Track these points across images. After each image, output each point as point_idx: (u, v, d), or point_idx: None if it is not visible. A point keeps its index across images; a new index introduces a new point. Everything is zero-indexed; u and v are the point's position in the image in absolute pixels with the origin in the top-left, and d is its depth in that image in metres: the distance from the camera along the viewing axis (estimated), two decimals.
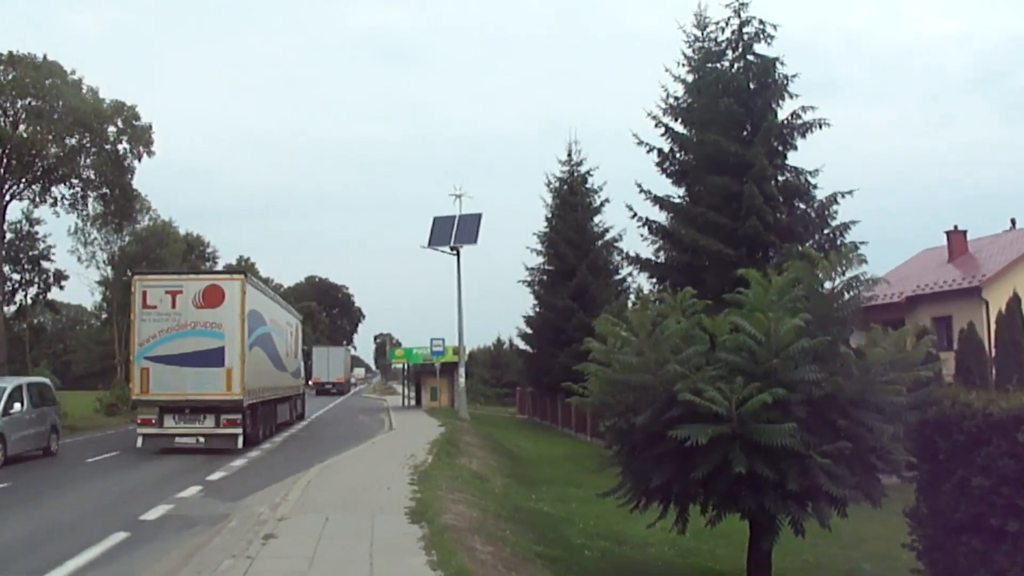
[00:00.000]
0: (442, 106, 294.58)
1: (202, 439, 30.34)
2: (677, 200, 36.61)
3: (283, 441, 35.22)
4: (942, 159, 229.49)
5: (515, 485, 26.17)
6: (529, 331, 60.68)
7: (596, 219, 58.62)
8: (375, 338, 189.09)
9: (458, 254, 52.54)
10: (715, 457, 11.86)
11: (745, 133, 34.15)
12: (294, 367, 45.96)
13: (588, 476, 31.67)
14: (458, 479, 22.01)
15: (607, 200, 58.60)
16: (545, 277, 59.23)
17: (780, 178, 33.71)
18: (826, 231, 33.03)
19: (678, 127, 36.95)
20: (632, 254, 38.27)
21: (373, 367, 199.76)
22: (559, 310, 54.72)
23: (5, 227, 63.15)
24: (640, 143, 36.99)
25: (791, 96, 33.78)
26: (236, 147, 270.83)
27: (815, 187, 33.68)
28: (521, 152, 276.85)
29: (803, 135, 33.72)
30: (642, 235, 36.74)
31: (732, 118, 33.85)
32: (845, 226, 32.38)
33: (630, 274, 55.78)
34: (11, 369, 59.67)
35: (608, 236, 57.72)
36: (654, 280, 37.83)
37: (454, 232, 52.21)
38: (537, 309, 60.02)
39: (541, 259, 59.82)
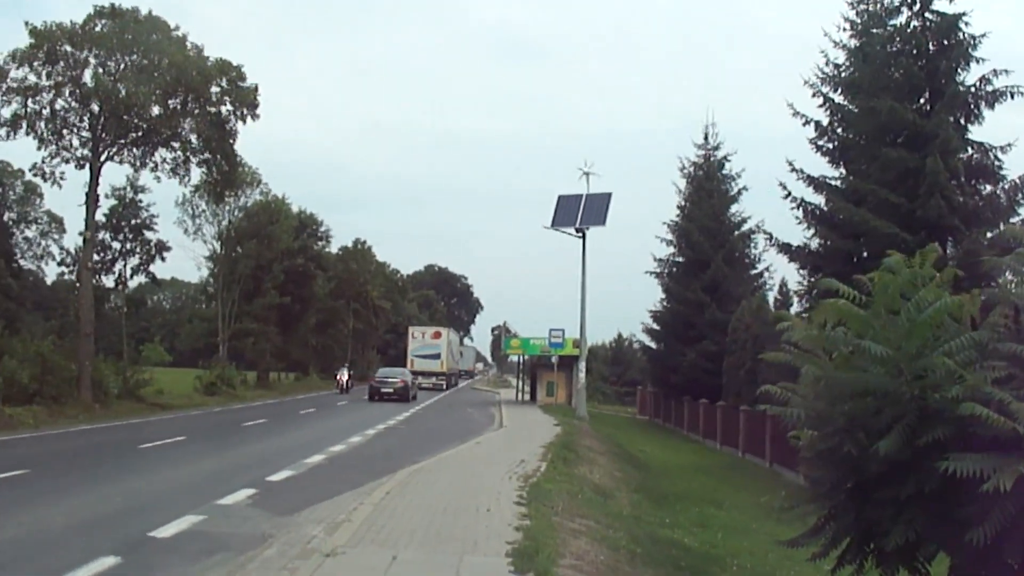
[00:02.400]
0: (565, 100, 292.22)
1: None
2: (834, 182, 31.87)
3: (376, 435, 31.12)
4: None
5: (644, 503, 21.65)
6: (655, 326, 56.37)
7: (733, 208, 54.21)
8: (492, 330, 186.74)
9: (584, 236, 48.08)
10: (1010, 508, 7.18)
11: (923, 101, 29.41)
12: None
13: (727, 492, 27.26)
14: (578, 496, 17.60)
15: (745, 188, 54.58)
16: (675, 268, 54.84)
17: (962, 155, 28.71)
18: (1017, 218, 27.94)
19: (839, 98, 32.16)
20: (781, 241, 33.27)
21: (489, 359, 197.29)
22: (690, 304, 50.34)
23: (106, 192, 60.99)
24: (795, 114, 32.69)
25: (977, 61, 29.09)
26: (362, 138, 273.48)
27: (1004, 166, 28.74)
28: (643, 148, 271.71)
29: (991, 105, 28.85)
30: (796, 217, 32.19)
31: (908, 84, 29.55)
32: None
33: (768, 268, 51.68)
34: (105, 343, 57.59)
35: (746, 227, 53.08)
36: (804, 271, 33.01)
37: (580, 212, 47.78)
38: (665, 303, 55.86)
39: (671, 249, 55.80)
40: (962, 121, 28.91)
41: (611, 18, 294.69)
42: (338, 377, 69.26)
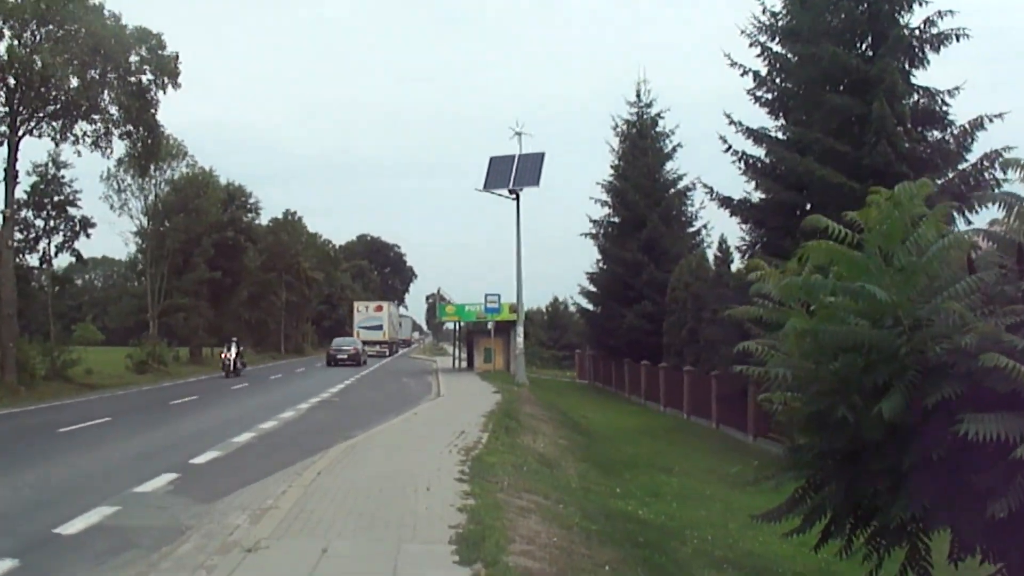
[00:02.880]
0: (494, 68, 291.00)
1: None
2: (775, 133, 30.96)
3: (310, 408, 29.79)
4: None
5: (592, 472, 20.62)
6: (592, 288, 55.36)
7: (668, 166, 53.23)
8: (427, 298, 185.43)
9: (517, 198, 46.88)
10: None
11: (865, 47, 28.53)
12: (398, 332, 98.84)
13: (675, 456, 26.37)
14: (523, 468, 16.48)
15: (679, 145, 53.45)
16: (611, 229, 53.70)
17: (908, 100, 27.83)
18: (964, 165, 27.15)
19: (776, 47, 31.15)
20: (722, 195, 32.26)
21: (425, 328, 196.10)
22: (627, 264, 49.43)
23: (27, 169, 58.83)
24: (732, 64, 31.57)
25: (921, 3, 28.16)
26: (290, 115, 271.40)
27: (950, 111, 27.90)
28: (574, 113, 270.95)
29: (936, 48, 27.91)
30: (739, 169, 31.24)
31: (850, 28, 28.72)
32: (995, 155, 26.19)
33: (705, 226, 50.96)
34: (33, 324, 55.67)
35: (682, 184, 52.15)
36: (746, 226, 32.08)
37: (513, 173, 46.51)
38: (601, 265, 54.80)
39: (607, 210, 54.36)
40: (907, 66, 27.99)
41: None
42: (223, 355, 51.52)
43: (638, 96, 54.32)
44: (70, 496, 13.38)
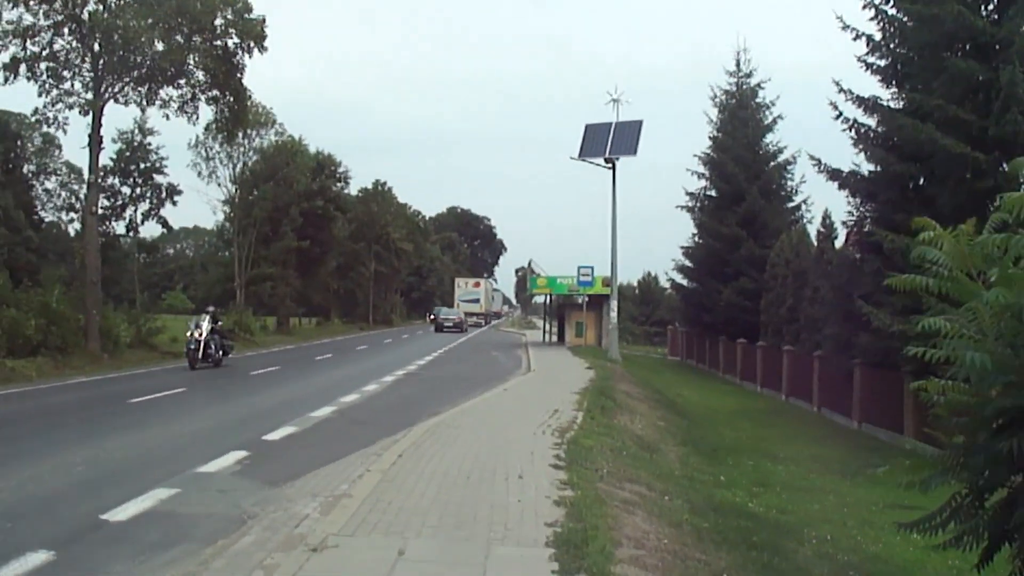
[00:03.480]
0: (588, 39, 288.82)
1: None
2: (889, 103, 29.08)
3: (395, 382, 28.77)
4: None
5: (694, 457, 19.29)
6: (688, 263, 53.59)
7: (768, 138, 51.17)
8: (516, 271, 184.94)
9: (613, 167, 45.30)
10: None
11: (990, 8, 26.47)
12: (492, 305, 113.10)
13: (778, 441, 24.92)
14: (622, 453, 15.26)
15: (780, 117, 51.35)
16: (708, 202, 51.86)
17: None
18: None
19: (891, 10, 29.19)
20: (831, 167, 30.44)
21: (514, 301, 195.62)
22: (725, 239, 47.70)
23: (112, 136, 58.89)
24: (845, 27, 29.40)
25: None
26: (380, 84, 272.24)
27: None
28: (670, 87, 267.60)
29: None
30: (851, 139, 29.17)
31: None
32: None
33: (805, 201, 48.99)
34: (115, 290, 55.75)
35: (782, 157, 50.07)
36: (856, 199, 30.20)
37: (610, 141, 44.92)
38: (697, 239, 53.04)
39: (703, 183, 52.44)
40: None
41: None
42: (189, 333, 34.10)
43: (738, 66, 52.46)
44: (126, 476, 12.39)
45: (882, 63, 29.53)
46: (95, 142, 42.22)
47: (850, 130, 29.15)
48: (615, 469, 13.27)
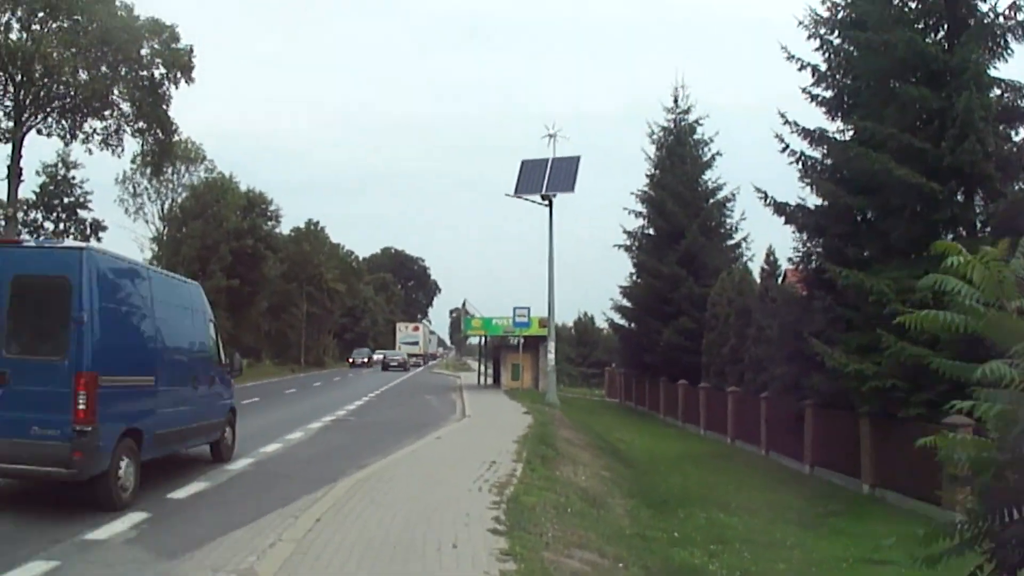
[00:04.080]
0: (526, 82, 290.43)
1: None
2: (836, 135, 28.10)
3: (322, 428, 27.02)
4: None
5: (643, 511, 17.80)
6: (626, 303, 52.34)
7: (707, 174, 50.45)
8: (450, 312, 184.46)
9: (550, 204, 43.89)
10: None
11: (940, 36, 25.58)
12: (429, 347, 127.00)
13: (729, 489, 23.46)
14: (568, 510, 13.72)
15: (718, 153, 50.68)
16: (647, 241, 50.81)
17: (989, 94, 24.88)
18: None
19: (837, 40, 28.24)
20: (777, 200, 29.26)
21: (448, 342, 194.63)
22: (665, 277, 46.65)
23: (36, 169, 56.75)
24: (790, 57, 28.42)
25: None
26: (315, 126, 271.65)
27: None
28: (602, 131, 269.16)
29: (1020, 37, 24.83)
30: (797, 172, 28.17)
31: (924, 15, 25.69)
32: None
33: (745, 239, 48.19)
34: None
35: (721, 194, 49.33)
36: (803, 234, 29.02)
37: (547, 178, 43.55)
38: (636, 279, 51.90)
39: (641, 221, 51.49)
40: (986, 56, 25.10)
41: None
42: None
43: (675, 102, 51.57)
44: (6, 545, 10.60)
45: (828, 94, 28.65)
46: (14, 174, 40.52)
47: (797, 163, 28.19)
48: (561, 532, 11.73)
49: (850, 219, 26.61)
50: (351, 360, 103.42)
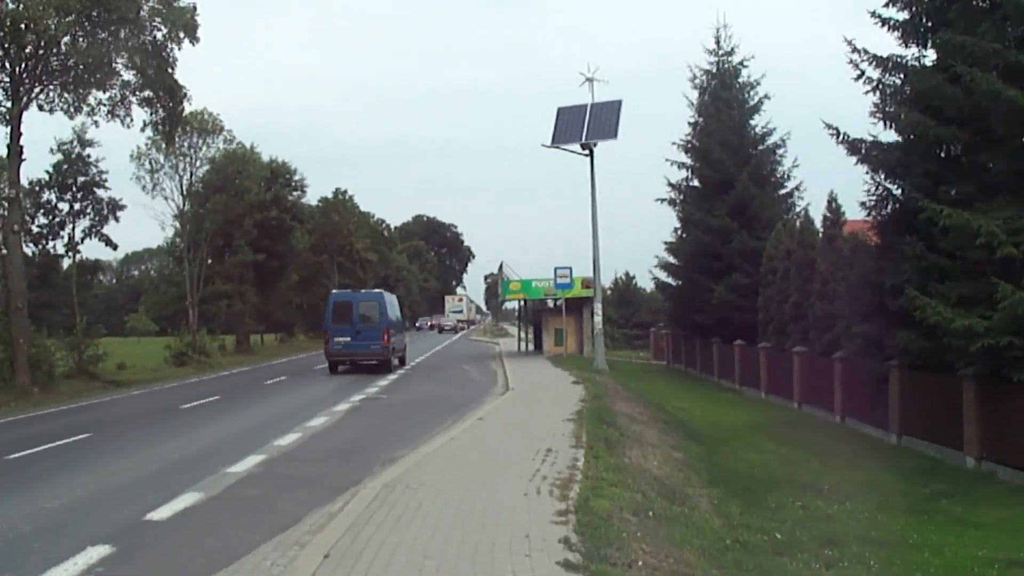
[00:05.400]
0: (549, 45, 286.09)
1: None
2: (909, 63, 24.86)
3: (350, 410, 24.10)
4: None
5: (730, 502, 14.74)
6: (673, 260, 49.09)
7: (754, 120, 46.99)
8: (485, 278, 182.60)
9: (591, 154, 40.59)
10: None
11: None
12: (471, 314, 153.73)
13: (813, 467, 20.55)
14: (648, 513, 10.82)
15: (767, 96, 47.25)
16: (693, 193, 47.64)
17: None
18: None
19: None
20: (851, 137, 25.94)
21: (484, 308, 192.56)
22: (715, 231, 43.57)
23: (51, 147, 54.30)
24: None
25: None
26: (342, 97, 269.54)
27: None
28: (636, 95, 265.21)
29: None
30: (872, 107, 24.96)
31: None
32: None
33: (798, 187, 44.85)
34: (58, 316, 51.66)
35: (770, 140, 45.94)
36: (879, 174, 25.74)
37: (586, 125, 40.13)
38: (682, 234, 48.61)
39: (685, 172, 48.29)
40: None
41: None
42: None
43: (717, 43, 48.28)
44: None
45: (902, 16, 25.27)
46: (15, 153, 37.89)
47: (874, 92, 24.96)
48: (652, 551, 8.82)
49: (939, 154, 23.51)
50: (416, 325, 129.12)
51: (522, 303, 59.59)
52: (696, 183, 48.01)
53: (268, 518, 11.02)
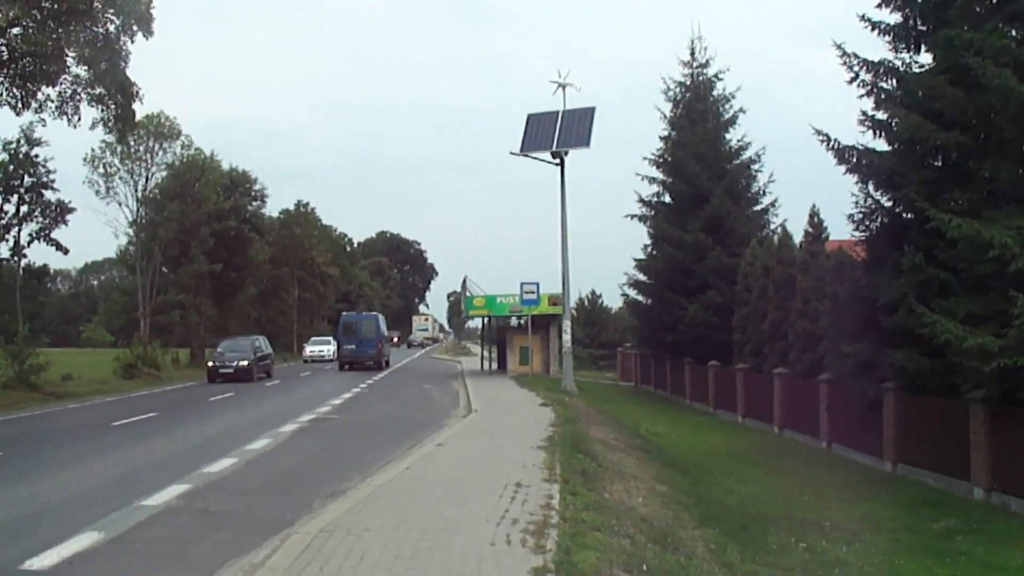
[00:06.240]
0: (516, 61, 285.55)
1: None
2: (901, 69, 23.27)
3: (296, 432, 21.92)
4: None
5: (729, 548, 12.72)
6: (643, 278, 47.18)
7: (729, 134, 45.42)
8: (448, 296, 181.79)
9: (562, 162, 38.62)
10: None
11: None
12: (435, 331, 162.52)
13: (808, 500, 18.68)
14: (643, 567, 8.87)
15: (742, 110, 45.60)
16: (665, 208, 45.94)
17: None
18: None
19: None
20: (841, 144, 24.15)
21: (447, 326, 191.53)
22: (688, 247, 41.83)
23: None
24: None
25: None
26: (311, 110, 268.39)
27: None
28: (600, 110, 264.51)
29: None
30: (863, 113, 23.39)
31: None
32: None
33: (773, 203, 43.28)
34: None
35: (746, 155, 44.43)
36: (870, 184, 23.96)
37: (557, 132, 38.21)
38: (653, 252, 46.76)
39: (657, 188, 46.61)
40: None
41: None
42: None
43: (692, 55, 46.54)
44: None
45: (894, 19, 23.70)
46: None
47: (868, 95, 23.37)
48: None
49: (934, 162, 21.86)
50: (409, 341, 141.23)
51: (486, 320, 57.72)
52: (668, 198, 46.31)
53: (174, 571, 8.96)
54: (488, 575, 8.03)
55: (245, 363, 45.10)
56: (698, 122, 44.62)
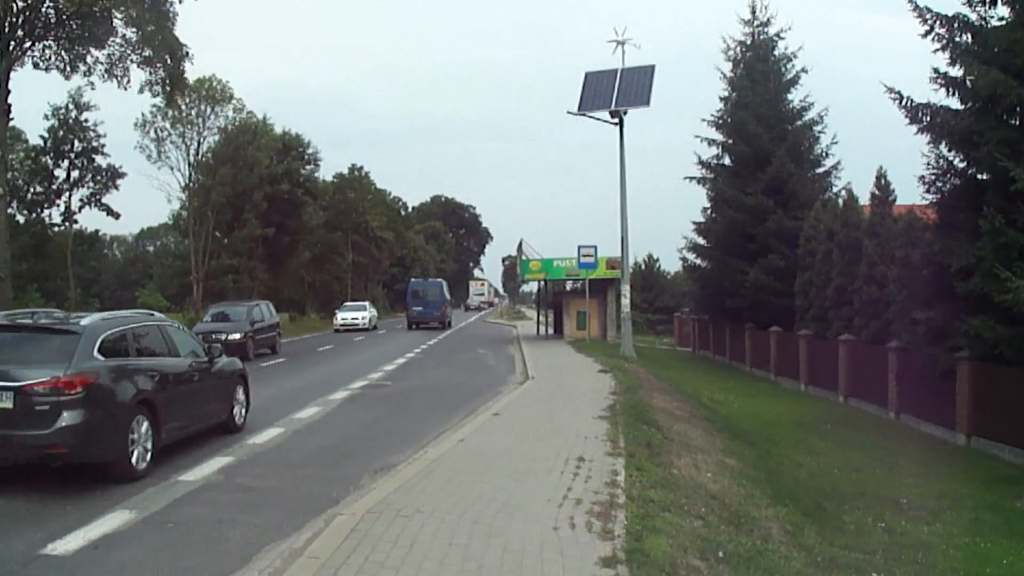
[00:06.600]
0: (574, 28, 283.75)
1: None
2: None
3: (346, 399, 21.37)
4: None
5: (801, 523, 11.92)
6: (702, 242, 46.12)
7: (791, 94, 44.02)
8: (503, 260, 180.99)
9: (621, 123, 37.59)
10: None
11: None
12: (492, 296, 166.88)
13: (881, 474, 17.80)
14: (718, 553, 8.13)
15: (804, 70, 44.22)
16: (725, 170, 44.72)
17: None
18: None
19: None
20: (915, 102, 23.07)
21: (501, 291, 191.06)
22: (748, 210, 40.62)
23: (45, 112, 52.26)
24: None
25: None
26: (364, 77, 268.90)
27: None
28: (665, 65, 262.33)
29: None
30: (934, 70, 22.26)
31: None
32: None
33: (836, 165, 42.04)
34: (50, 286, 49.59)
35: (808, 116, 43.04)
36: (945, 144, 22.89)
37: (616, 91, 37.18)
38: (712, 215, 45.64)
39: (716, 149, 45.35)
40: None
41: None
42: None
43: (753, 13, 45.37)
44: None
45: None
46: (2, 111, 35.40)
47: (943, 50, 22.17)
48: None
49: (1015, 120, 20.76)
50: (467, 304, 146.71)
51: (542, 284, 56.92)
52: (728, 160, 45.15)
53: (206, 557, 8.29)
54: (552, 568, 7.30)
55: (238, 336, 35.33)
56: (759, 82, 43.37)
